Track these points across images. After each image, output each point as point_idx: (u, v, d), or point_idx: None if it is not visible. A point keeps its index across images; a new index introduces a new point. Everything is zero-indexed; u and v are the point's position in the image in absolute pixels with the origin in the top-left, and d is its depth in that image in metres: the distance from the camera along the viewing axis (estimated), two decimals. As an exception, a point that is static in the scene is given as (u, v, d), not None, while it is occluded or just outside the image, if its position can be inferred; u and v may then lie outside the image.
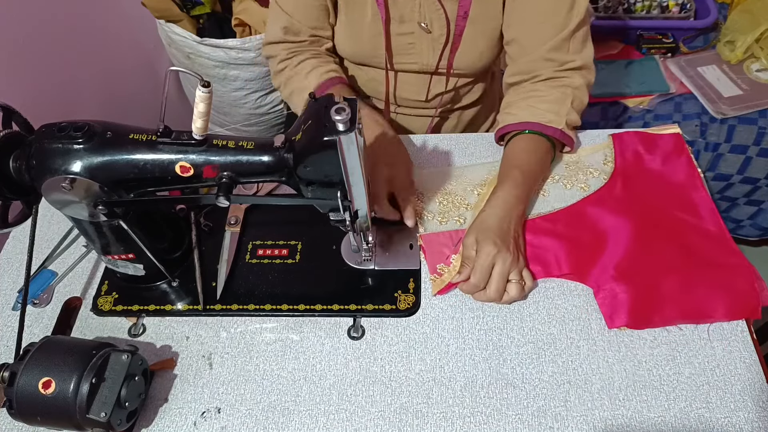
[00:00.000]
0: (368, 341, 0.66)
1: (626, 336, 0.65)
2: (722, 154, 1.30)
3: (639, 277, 0.67)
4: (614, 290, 0.67)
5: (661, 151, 0.81)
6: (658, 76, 1.36)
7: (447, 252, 0.72)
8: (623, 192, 0.77)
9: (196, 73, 0.54)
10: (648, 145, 0.82)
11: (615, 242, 0.71)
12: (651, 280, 0.67)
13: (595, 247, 0.71)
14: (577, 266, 0.70)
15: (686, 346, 0.64)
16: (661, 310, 0.65)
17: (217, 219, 0.78)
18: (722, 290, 0.66)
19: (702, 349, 0.63)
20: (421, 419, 0.60)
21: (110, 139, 0.57)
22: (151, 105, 1.52)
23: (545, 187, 0.79)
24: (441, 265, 0.71)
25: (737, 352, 0.63)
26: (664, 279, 0.67)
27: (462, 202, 0.78)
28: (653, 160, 0.81)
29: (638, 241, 0.71)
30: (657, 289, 0.67)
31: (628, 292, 0.66)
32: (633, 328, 0.65)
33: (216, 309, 0.70)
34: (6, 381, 0.55)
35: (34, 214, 0.62)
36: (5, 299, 0.74)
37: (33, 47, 1.16)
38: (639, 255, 0.69)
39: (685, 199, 0.76)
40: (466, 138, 0.88)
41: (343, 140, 0.52)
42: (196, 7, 1.40)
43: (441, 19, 0.81)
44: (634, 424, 0.58)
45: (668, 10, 1.44)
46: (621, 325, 0.65)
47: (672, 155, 0.81)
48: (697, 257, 0.69)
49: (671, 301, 0.65)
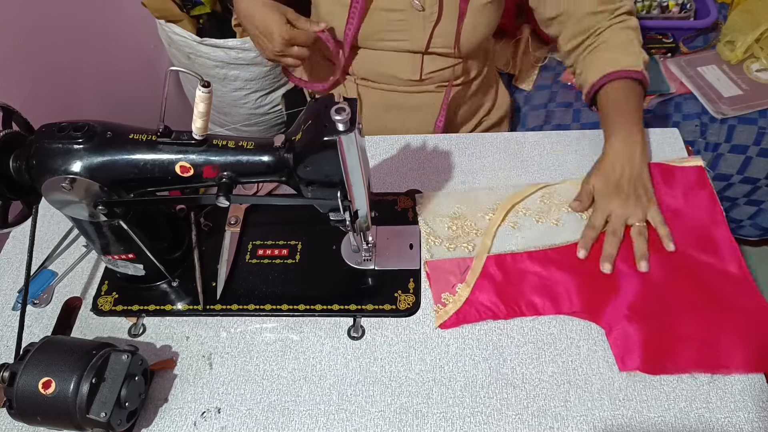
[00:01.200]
0: (368, 341, 0.66)
1: (626, 336, 0.65)
2: (722, 154, 1.30)
3: (654, 319, 0.64)
4: (627, 331, 0.63)
5: (681, 184, 0.77)
6: (658, 76, 1.35)
7: (453, 281, 0.69)
8: None
9: (196, 73, 0.54)
10: (668, 177, 0.78)
11: (630, 280, 0.68)
12: (666, 322, 0.64)
13: (609, 284, 0.68)
14: (590, 303, 0.66)
15: (686, 346, 0.63)
16: (676, 355, 0.62)
17: (217, 219, 0.78)
18: (741, 338, 0.62)
19: (702, 349, 0.63)
20: (421, 419, 0.60)
21: (110, 139, 0.57)
22: (151, 105, 1.51)
23: (559, 217, 0.76)
24: (446, 294, 0.68)
25: (737, 352, 0.63)
26: (681, 322, 0.64)
27: (472, 227, 0.75)
28: (673, 194, 0.76)
29: (655, 280, 0.67)
30: (672, 333, 0.63)
31: (642, 333, 0.63)
32: (645, 372, 0.61)
33: (216, 309, 0.70)
34: (6, 381, 0.55)
35: (34, 214, 0.62)
36: (5, 299, 0.74)
37: (33, 47, 1.16)
38: (655, 295, 0.66)
39: (705, 237, 0.71)
40: (467, 138, 0.88)
41: (343, 140, 0.52)
42: (196, 7, 1.39)
43: None
44: (634, 424, 0.58)
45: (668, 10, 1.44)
46: (633, 369, 0.61)
47: (693, 189, 0.76)
48: (716, 300, 0.65)
49: (687, 347, 0.62)
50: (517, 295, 0.68)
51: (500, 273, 0.70)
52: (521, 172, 0.83)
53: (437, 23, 0.84)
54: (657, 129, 0.86)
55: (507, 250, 0.73)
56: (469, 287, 0.69)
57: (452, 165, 0.84)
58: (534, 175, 0.82)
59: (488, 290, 0.68)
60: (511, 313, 0.67)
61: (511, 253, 0.72)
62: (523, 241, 0.74)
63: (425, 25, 0.84)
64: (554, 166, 0.83)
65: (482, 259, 0.71)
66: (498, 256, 0.72)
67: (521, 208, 0.77)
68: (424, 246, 0.74)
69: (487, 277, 0.70)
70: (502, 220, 0.75)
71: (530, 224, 0.75)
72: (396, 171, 0.84)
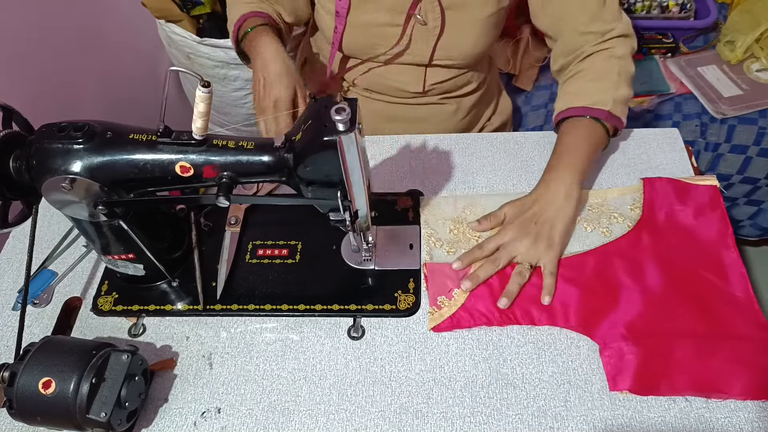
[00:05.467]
0: (368, 341, 0.66)
1: (626, 336, 0.65)
2: (722, 154, 1.30)
3: (651, 340, 0.63)
4: (622, 350, 0.62)
5: (694, 203, 0.75)
6: (658, 76, 1.36)
7: (450, 285, 0.69)
8: (647, 244, 0.71)
9: (196, 73, 0.54)
10: (681, 195, 0.76)
11: (630, 298, 0.66)
12: (664, 344, 0.63)
13: (607, 300, 0.67)
14: (586, 318, 0.65)
15: (686, 346, 0.63)
16: (670, 377, 0.60)
17: (217, 219, 0.78)
18: (742, 366, 0.60)
19: (702, 349, 0.63)
20: (421, 419, 0.60)
21: (110, 139, 0.57)
22: (151, 105, 1.52)
23: None
24: (442, 297, 0.68)
25: (737, 352, 0.63)
26: (679, 345, 0.62)
27: (473, 232, 0.75)
28: (685, 212, 0.74)
29: (656, 300, 0.66)
30: (669, 356, 0.62)
31: (637, 354, 0.62)
32: (636, 394, 0.60)
33: (216, 309, 0.70)
34: (6, 381, 0.55)
35: (34, 214, 0.62)
36: (5, 299, 0.74)
37: (33, 47, 1.16)
38: (654, 315, 0.65)
39: (713, 259, 0.69)
40: (466, 138, 0.88)
41: (343, 140, 0.52)
42: (196, 7, 1.39)
43: (435, 10, 0.80)
44: (634, 424, 0.58)
45: (668, 10, 1.44)
46: (623, 389, 0.60)
47: (706, 209, 0.74)
48: (718, 325, 0.64)
49: (682, 370, 0.60)
50: (513, 305, 0.67)
51: (498, 282, 0.69)
52: (521, 172, 0.83)
53: (440, 36, 0.84)
54: (657, 129, 0.86)
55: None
56: (466, 293, 0.68)
57: (452, 165, 0.84)
58: (534, 175, 0.81)
59: (485, 298, 0.68)
60: (506, 321, 0.66)
61: (510, 264, 0.71)
62: None
63: (428, 38, 0.84)
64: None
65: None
66: None
67: None
68: (424, 246, 0.74)
69: (484, 284, 0.69)
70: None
71: None
72: (396, 171, 0.84)
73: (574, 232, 0.74)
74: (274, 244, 0.76)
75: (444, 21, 0.82)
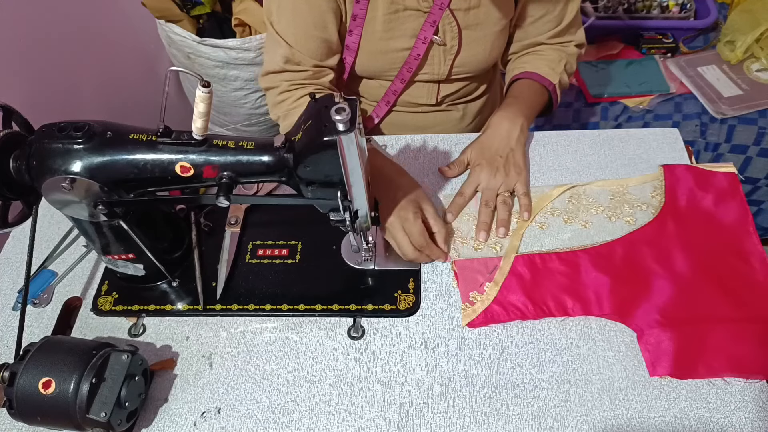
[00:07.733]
0: (368, 341, 0.66)
1: (626, 336, 0.65)
2: (722, 154, 1.30)
3: (686, 325, 0.64)
4: (660, 337, 0.63)
5: (714, 189, 0.76)
6: (658, 76, 1.36)
7: (481, 279, 0.70)
8: (673, 230, 0.72)
9: (196, 73, 0.54)
10: (701, 182, 0.77)
11: (661, 284, 0.67)
12: (698, 328, 0.63)
13: (639, 288, 0.67)
14: (620, 306, 0.66)
15: (686, 346, 0.63)
16: (708, 360, 0.61)
17: (217, 219, 0.78)
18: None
19: (702, 349, 0.63)
20: (421, 419, 0.60)
21: (110, 139, 0.57)
22: (151, 105, 1.52)
23: (588, 219, 0.75)
24: (474, 293, 0.68)
25: (737, 352, 0.63)
26: (712, 328, 0.63)
27: (493, 223, 0.76)
28: (705, 198, 0.75)
29: (686, 286, 0.67)
30: (704, 339, 0.62)
31: (673, 339, 0.62)
32: (676, 378, 0.61)
33: (216, 309, 0.70)
34: (6, 381, 0.55)
35: (34, 214, 0.62)
36: (5, 299, 0.74)
37: (33, 47, 1.16)
38: (686, 300, 0.66)
39: (735, 245, 0.70)
40: (467, 138, 0.88)
41: (343, 140, 0.52)
42: (196, 7, 1.39)
43: (453, 30, 0.81)
44: (634, 424, 0.58)
45: (668, 10, 1.44)
46: (664, 374, 0.61)
47: (726, 196, 0.75)
48: (747, 309, 0.65)
49: (719, 353, 0.61)
50: (546, 295, 0.67)
51: (529, 273, 0.70)
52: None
53: (457, 54, 0.85)
54: (657, 129, 0.86)
55: (535, 250, 0.73)
56: (497, 286, 0.69)
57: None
58: (535, 174, 0.81)
59: (516, 290, 0.68)
60: (540, 314, 0.66)
61: (539, 254, 0.72)
62: (550, 241, 0.74)
63: (446, 57, 0.85)
64: (554, 166, 0.83)
65: (510, 259, 0.71)
66: (526, 256, 0.71)
67: (549, 209, 0.77)
68: (451, 246, 0.74)
69: (515, 276, 0.70)
70: (530, 220, 0.76)
71: (558, 225, 0.75)
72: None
73: (600, 222, 0.75)
74: (274, 244, 0.76)
75: (461, 40, 0.83)
